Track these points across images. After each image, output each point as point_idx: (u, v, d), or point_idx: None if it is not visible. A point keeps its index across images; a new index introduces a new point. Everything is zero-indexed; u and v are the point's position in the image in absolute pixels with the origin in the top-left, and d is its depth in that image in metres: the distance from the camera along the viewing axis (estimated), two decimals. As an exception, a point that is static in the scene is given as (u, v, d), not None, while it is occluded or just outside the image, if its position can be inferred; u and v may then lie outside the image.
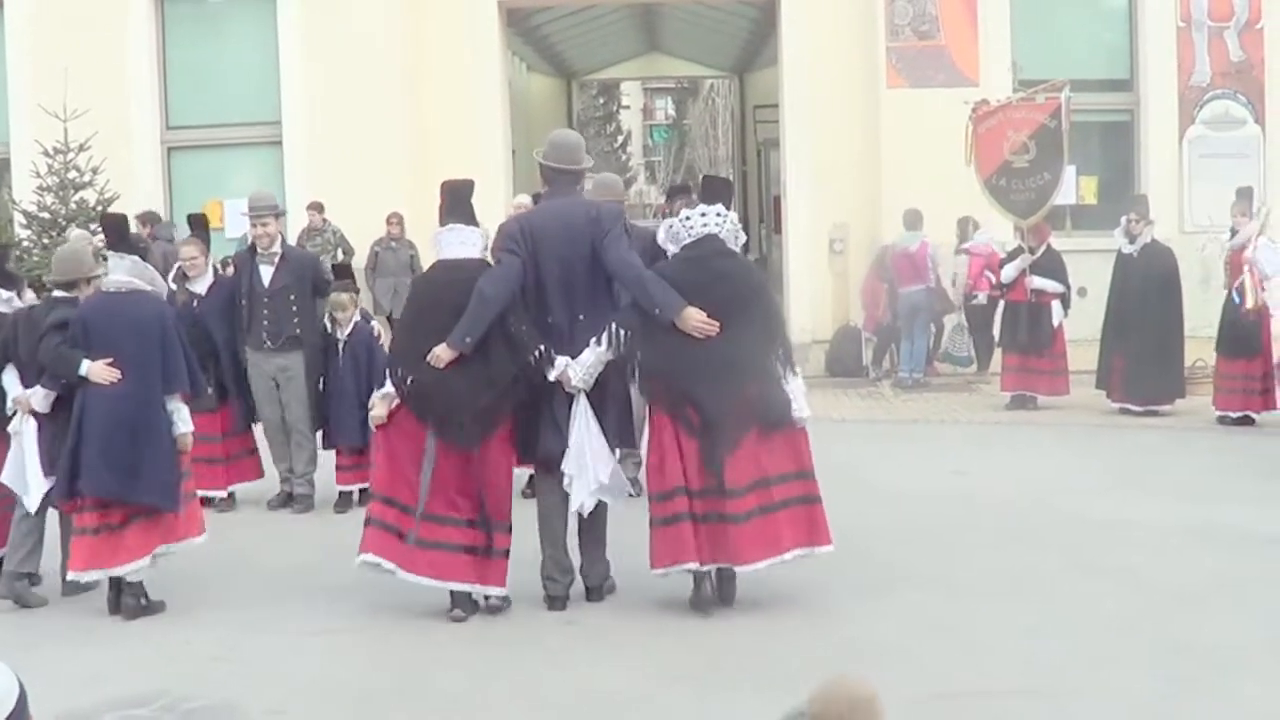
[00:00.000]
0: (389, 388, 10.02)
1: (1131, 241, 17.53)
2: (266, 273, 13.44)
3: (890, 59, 23.78)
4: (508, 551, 9.94)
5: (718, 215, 10.12)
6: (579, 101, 47.12)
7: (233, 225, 22.60)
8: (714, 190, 10.65)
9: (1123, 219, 17.87)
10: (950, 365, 21.19)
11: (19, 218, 21.82)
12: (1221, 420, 16.73)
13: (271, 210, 13.68)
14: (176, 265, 14.29)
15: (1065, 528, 11.97)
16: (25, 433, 10.59)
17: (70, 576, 10.27)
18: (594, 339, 9.87)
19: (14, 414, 10.70)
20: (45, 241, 21.04)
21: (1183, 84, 23.93)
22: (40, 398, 10.51)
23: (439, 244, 10.35)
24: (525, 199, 16.24)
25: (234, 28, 24.87)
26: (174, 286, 13.25)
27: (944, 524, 12.16)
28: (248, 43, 24.60)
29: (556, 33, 33.82)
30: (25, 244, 21.27)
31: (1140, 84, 24.23)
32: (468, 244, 10.25)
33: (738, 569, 9.80)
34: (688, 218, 10.18)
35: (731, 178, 44.36)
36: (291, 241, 22.75)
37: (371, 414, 10.14)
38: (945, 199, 20.24)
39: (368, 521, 10.00)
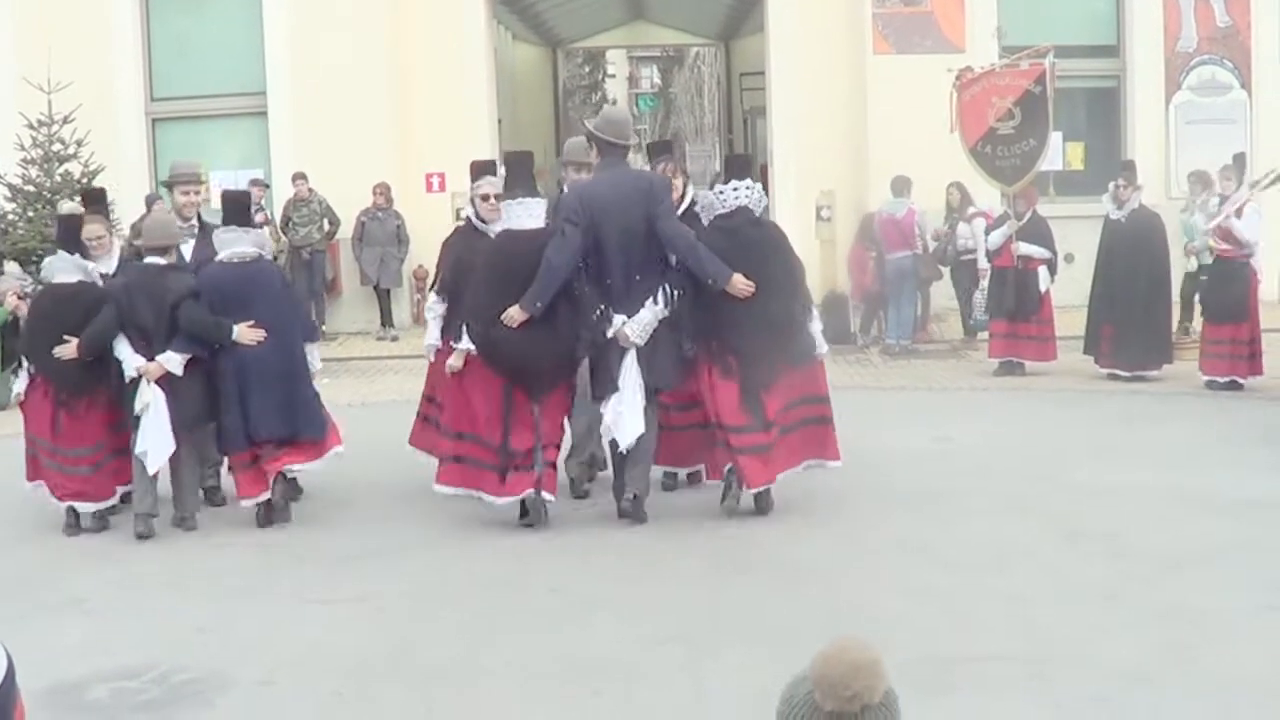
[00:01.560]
0: (467, 343, 11.27)
1: (1119, 207, 17.54)
2: (186, 250, 12.43)
3: (877, 25, 23.77)
4: (554, 464, 11.40)
5: (748, 188, 11.58)
6: (564, 70, 46.96)
7: (217, 197, 22.56)
8: (739, 166, 12.08)
9: (1110, 185, 17.86)
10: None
11: (3, 190, 21.75)
12: (1209, 385, 16.75)
13: (196, 178, 13.20)
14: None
15: (1052, 493, 11.99)
16: (156, 401, 11.24)
17: (244, 504, 11.67)
18: (649, 298, 11.20)
19: (135, 381, 11.33)
20: (30, 214, 20.99)
21: (1169, 49, 23.95)
22: (176, 362, 11.34)
23: (507, 215, 11.46)
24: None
25: (218, -2, 24.81)
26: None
27: (931, 490, 12.17)
28: (231, 13, 24.52)
29: (542, 1, 33.74)
30: (10, 217, 21.22)
31: (1127, 50, 24.24)
32: (534, 216, 11.38)
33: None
34: (721, 192, 11.60)
35: (718, 146, 44.36)
36: (278, 212, 22.75)
37: (450, 363, 11.49)
38: (932, 166, 20.21)
39: (442, 459, 11.52)
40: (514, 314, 10.97)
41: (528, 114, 34.33)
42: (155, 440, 11.28)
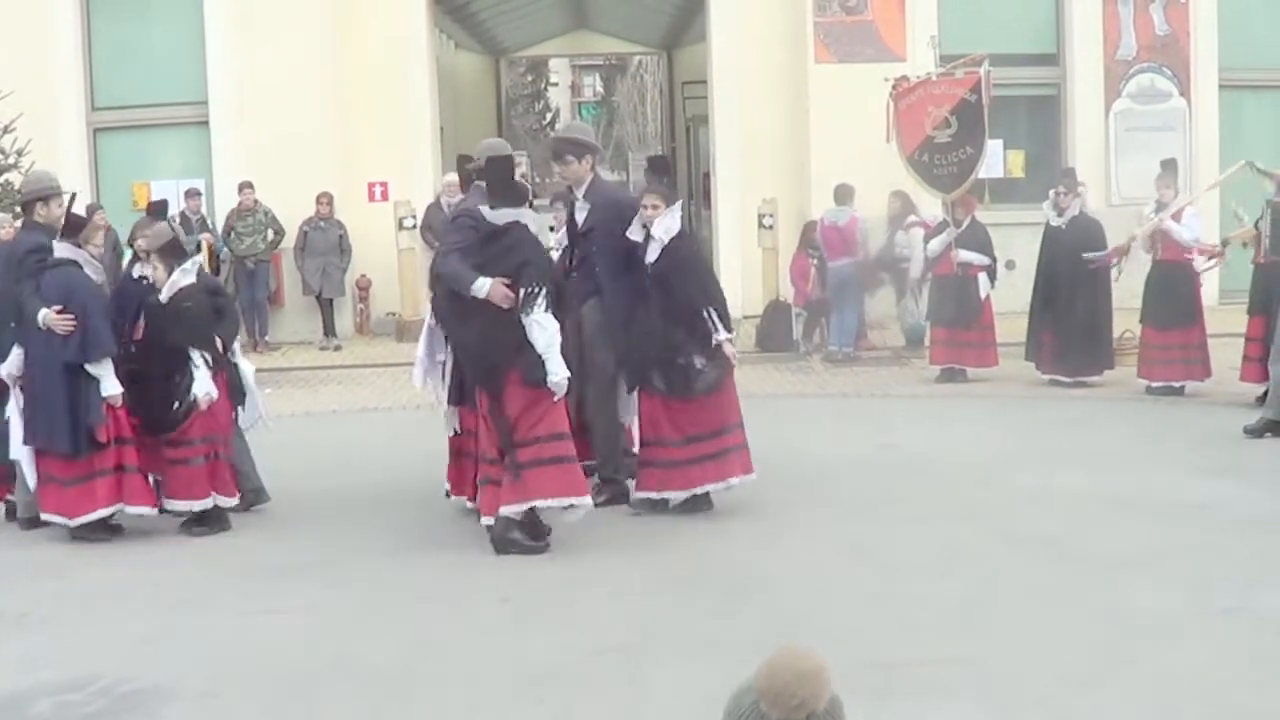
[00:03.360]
0: None
1: (1060, 214, 17.62)
2: None
3: (818, 34, 23.86)
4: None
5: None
6: (507, 79, 46.96)
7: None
8: (659, 168, 12.56)
9: (1051, 192, 17.95)
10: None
11: (-57, 200, 21.61)
12: (1151, 390, 16.85)
13: (56, 190, 12.22)
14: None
15: (995, 498, 12.06)
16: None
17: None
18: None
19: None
20: (-28, 224, 20.85)
21: (1109, 57, 24.12)
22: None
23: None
24: (453, 176, 16.22)
25: (159, 6, 24.68)
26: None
27: (875, 497, 12.23)
28: (173, 22, 24.41)
29: (484, 9, 33.67)
30: (-49, 226, 21.07)
31: (1066, 58, 24.39)
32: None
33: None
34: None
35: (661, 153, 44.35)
36: (220, 222, 22.68)
37: None
38: (874, 174, 20.28)
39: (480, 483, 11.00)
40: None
41: (470, 122, 34.29)
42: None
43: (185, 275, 11.70)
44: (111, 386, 11.37)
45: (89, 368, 11.34)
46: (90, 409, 11.34)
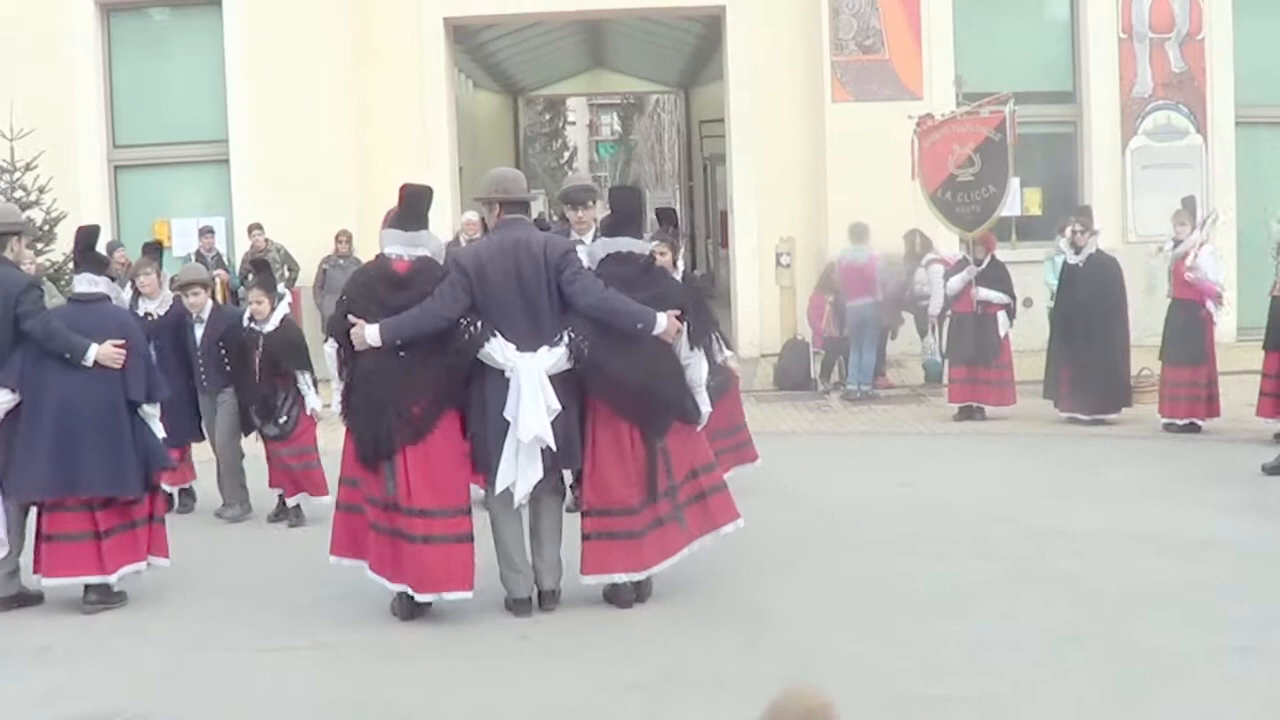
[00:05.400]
0: None
1: (1077, 252, 17.63)
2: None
3: (835, 73, 23.93)
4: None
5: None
6: (525, 117, 47.11)
7: (180, 244, 22.63)
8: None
9: (1068, 230, 17.93)
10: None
11: (-36, 237, 21.69)
12: (1168, 428, 16.84)
13: (21, 227, 11.78)
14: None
15: (1013, 537, 12.04)
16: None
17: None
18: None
19: None
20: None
21: (1125, 95, 24.18)
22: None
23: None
24: (473, 215, 16.22)
25: (180, 46, 24.86)
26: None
27: (892, 534, 12.22)
28: (194, 61, 24.58)
29: (503, 49, 33.84)
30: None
31: (1083, 96, 24.46)
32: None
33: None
34: None
35: (678, 192, 44.44)
36: (238, 260, 22.78)
37: None
38: (890, 212, 20.35)
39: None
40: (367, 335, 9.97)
41: (489, 161, 34.27)
42: None
43: (285, 305, 12.36)
44: (160, 428, 11.00)
45: (146, 408, 10.81)
46: (153, 450, 10.82)
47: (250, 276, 14.37)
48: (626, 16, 29.76)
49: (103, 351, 10.55)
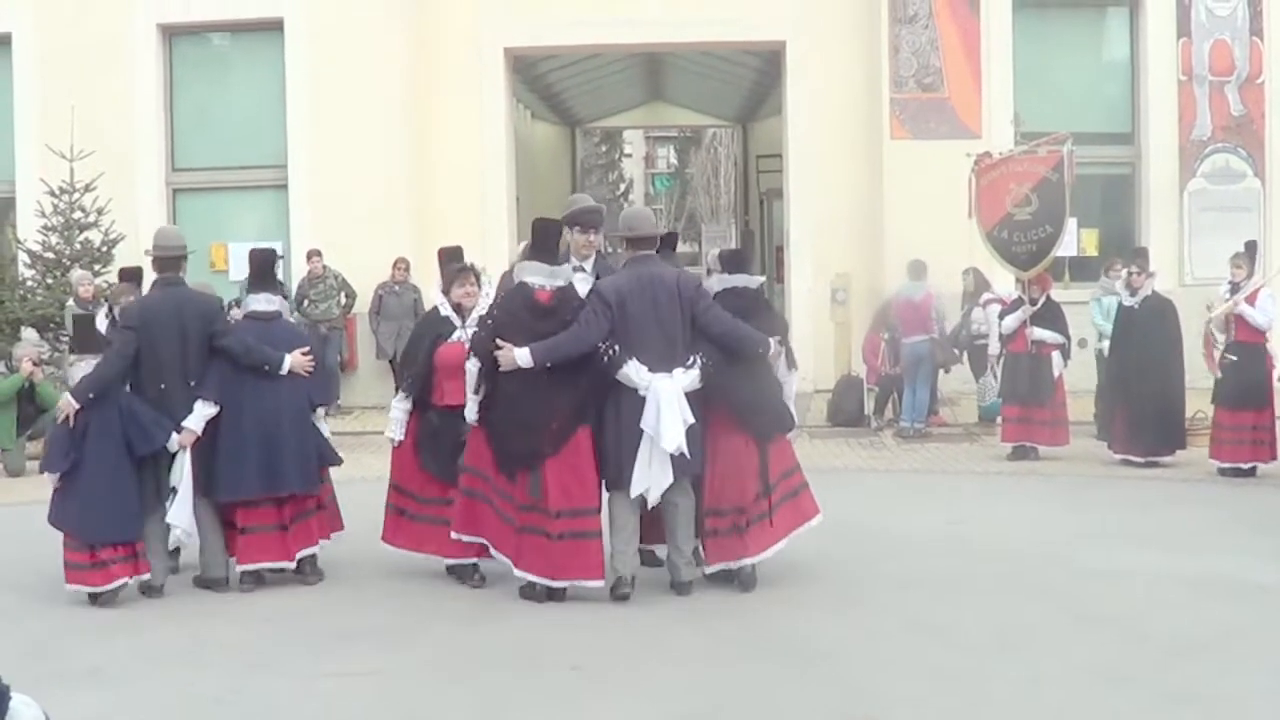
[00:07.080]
0: None
1: (1133, 294, 17.59)
2: None
3: (894, 110, 23.94)
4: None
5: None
6: (582, 149, 47.23)
7: (236, 268, 22.73)
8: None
9: (1124, 271, 17.89)
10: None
11: (23, 257, 21.89)
12: (1222, 472, 16.75)
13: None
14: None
15: (1065, 578, 11.99)
16: (188, 468, 11.74)
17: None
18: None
19: None
20: (49, 281, 21.12)
21: (1184, 137, 24.12)
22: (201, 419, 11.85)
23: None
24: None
25: (240, 70, 25.04)
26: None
27: (944, 573, 12.19)
28: (254, 85, 24.75)
29: (561, 81, 33.97)
30: (29, 283, 21.34)
31: (1141, 137, 24.41)
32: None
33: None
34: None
35: (733, 227, 44.46)
36: (294, 288, 22.87)
37: None
38: (947, 250, 20.34)
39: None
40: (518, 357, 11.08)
41: (545, 192, 34.52)
42: (185, 510, 11.62)
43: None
44: (326, 428, 12.40)
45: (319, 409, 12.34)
46: (324, 447, 12.26)
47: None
48: (686, 50, 29.85)
49: (296, 360, 11.89)
